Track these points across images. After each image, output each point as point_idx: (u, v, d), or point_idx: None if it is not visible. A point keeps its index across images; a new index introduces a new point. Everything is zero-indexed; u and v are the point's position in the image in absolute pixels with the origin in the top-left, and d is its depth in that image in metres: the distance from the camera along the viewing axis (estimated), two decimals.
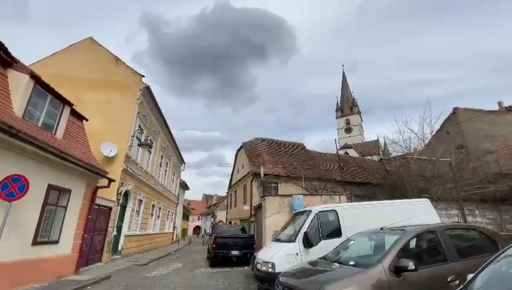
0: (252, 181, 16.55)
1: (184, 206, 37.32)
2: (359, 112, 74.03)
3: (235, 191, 23.03)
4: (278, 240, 6.18)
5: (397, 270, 3.17)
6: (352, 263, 3.57)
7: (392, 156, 21.02)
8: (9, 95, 6.52)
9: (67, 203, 7.79)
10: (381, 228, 4.28)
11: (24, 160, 6.17)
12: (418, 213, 5.67)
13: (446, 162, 13.99)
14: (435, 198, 11.15)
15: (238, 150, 23.46)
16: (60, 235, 7.48)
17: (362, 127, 73.80)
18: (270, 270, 5.11)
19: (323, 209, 5.99)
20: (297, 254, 5.19)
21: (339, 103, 78.47)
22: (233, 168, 26.03)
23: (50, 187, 7.01)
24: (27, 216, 6.29)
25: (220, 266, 10.86)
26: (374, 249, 4.03)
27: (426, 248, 3.97)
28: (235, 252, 10.63)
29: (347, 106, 76.78)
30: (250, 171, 16.91)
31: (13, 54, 7.59)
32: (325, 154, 22.51)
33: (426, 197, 8.47)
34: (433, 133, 15.78)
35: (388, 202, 7.15)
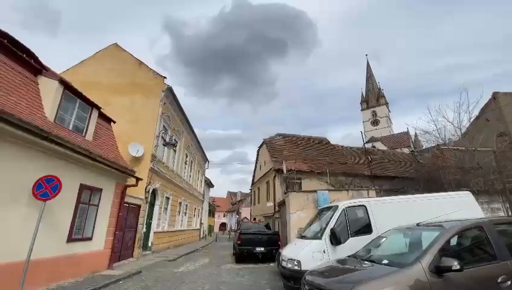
0: (274, 177, 16.37)
1: (209, 203, 38.12)
2: (386, 103, 70.55)
3: (258, 188, 23.00)
4: (303, 237, 5.96)
5: (439, 270, 2.83)
6: (385, 261, 3.26)
7: (424, 147, 19.66)
8: (41, 100, 6.93)
9: (99, 201, 8.19)
10: (418, 224, 3.90)
11: (57, 161, 6.53)
12: (459, 207, 5.13)
13: (486, 152, 12.73)
14: (475, 191, 10.18)
15: (260, 147, 23.36)
16: (93, 232, 7.88)
17: (390, 119, 70.36)
18: (295, 267, 4.93)
19: (351, 205, 5.64)
20: (324, 252, 4.95)
21: (364, 94, 75.32)
22: (256, 165, 25.99)
23: (82, 187, 7.39)
24: (62, 215, 6.68)
25: (245, 262, 10.87)
26: (410, 247, 3.68)
27: (471, 245, 3.54)
28: (260, 249, 10.57)
29: (373, 97, 73.57)
30: (272, 167, 16.73)
31: (46, 63, 8.11)
32: (350, 148, 21.65)
33: (466, 190, 7.72)
34: (471, 120, 14.45)
35: (424, 196, 6.58)
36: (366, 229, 5.36)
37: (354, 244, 4.96)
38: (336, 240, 4.95)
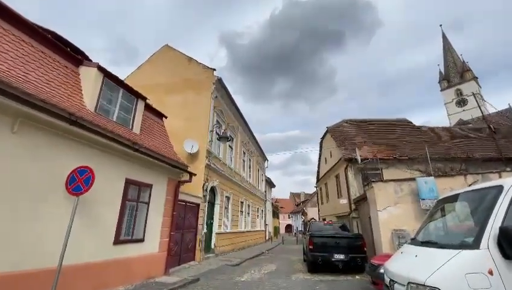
0: (346, 169, 13.65)
1: (272, 204, 36.73)
2: (474, 78, 57.66)
3: (326, 184, 20.30)
4: (425, 243, 3.59)
5: None
6: None
7: None
8: (81, 90, 6.37)
9: (149, 199, 7.34)
10: None
11: (97, 153, 5.78)
12: None
13: None
14: None
15: (323, 138, 20.69)
16: (144, 233, 7.02)
17: (482, 96, 57.08)
18: None
19: None
20: (490, 273, 2.57)
21: (443, 71, 63.59)
22: (319, 159, 23.31)
23: (128, 182, 6.58)
24: (105, 213, 5.88)
25: (321, 272, 8.70)
26: None
27: None
28: (339, 256, 8.22)
29: (455, 73, 61.61)
30: (342, 157, 14.05)
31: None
32: (443, 127, 17.11)
33: None
34: None
35: None
36: None
37: None
38: None
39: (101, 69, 6.72)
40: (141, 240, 6.91)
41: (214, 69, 14.25)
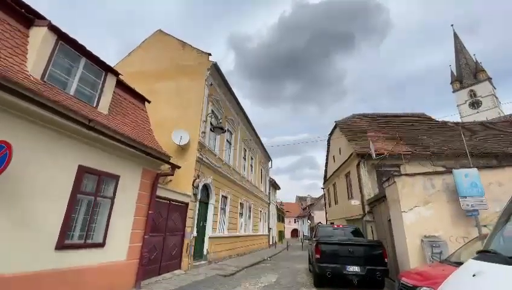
0: (358, 166, 11.98)
1: (277, 207, 34.98)
2: (488, 78, 55.37)
3: (334, 185, 18.59)
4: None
5: None
6: None
7: None
8: (26, 53, 5.02)
9: (114, 193, 5.89)
10: None
11: (34, 129, 4.39)
12: None
13: None
14: None
15: (331, 134, 19.01)
16: (105, 235, 5.56)
17: (496, 97, 54.62)
18: None
19: None
20: None
21: (455, 72, 61.44)
22: (327, 158, 21.63)
23: (83, 170, 5.15)
24: (45, 208, 4.43)
25: (330, 286, 7.09)
26: None
27: None
28: (354, 268, 6.57)
29: (468, 74, 59.48)
30: (353, 152, 12.40)
31: None
32: (468, 123, 15.27)
33: None
34: None
35: None
36: None
37: None
38: None
39: (53, 29, 5.36)
40: (101, 245, 5.45)
41: (210, 54, 12.88)
